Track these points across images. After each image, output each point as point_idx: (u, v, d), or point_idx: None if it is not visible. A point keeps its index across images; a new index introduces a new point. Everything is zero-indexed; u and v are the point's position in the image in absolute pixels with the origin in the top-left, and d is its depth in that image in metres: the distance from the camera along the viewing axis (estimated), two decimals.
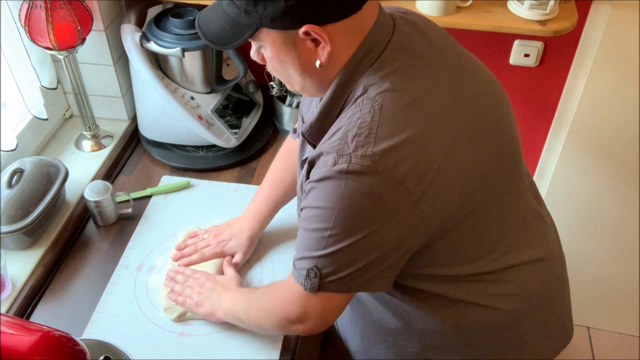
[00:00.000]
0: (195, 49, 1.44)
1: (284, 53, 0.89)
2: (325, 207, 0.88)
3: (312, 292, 0.94)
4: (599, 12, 1.48)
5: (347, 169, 0.85)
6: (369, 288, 0.95)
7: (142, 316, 1.19)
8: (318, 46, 0.87)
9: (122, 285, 1.25)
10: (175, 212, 1.41)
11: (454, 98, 0.92)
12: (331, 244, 0.89)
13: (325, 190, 0.88)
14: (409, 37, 0.93)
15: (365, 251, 0.89)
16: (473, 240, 0.98)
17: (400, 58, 0.90)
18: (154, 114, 1.53)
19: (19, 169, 1.29)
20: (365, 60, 0.90)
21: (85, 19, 1.35)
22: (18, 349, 0.72)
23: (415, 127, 0.86)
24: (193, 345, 1.15)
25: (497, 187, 0.97)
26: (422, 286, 1.02)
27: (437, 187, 0.87)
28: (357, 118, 0.87)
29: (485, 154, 0.93)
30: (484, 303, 1.03)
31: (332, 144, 0.88)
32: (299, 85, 0.96)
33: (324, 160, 0.88)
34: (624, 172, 1.77)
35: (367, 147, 0.85)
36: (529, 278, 1.06)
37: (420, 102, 0.88)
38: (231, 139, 1.55)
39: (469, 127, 0.91)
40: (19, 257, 1.28)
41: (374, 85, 0.89)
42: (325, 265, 0.91)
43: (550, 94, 1.68)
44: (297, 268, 0.96)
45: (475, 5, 1.41)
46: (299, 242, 0.96)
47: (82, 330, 1.17)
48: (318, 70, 0.91)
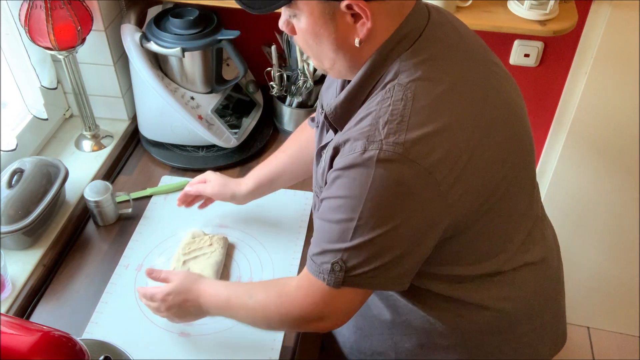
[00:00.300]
0: (195, 49, 1.44)
1: (320, 25, 0.86)
2: (352, 197, 0.85)
3: (335, 287, 0.90)
4: (599, 12, 1.48)
5: (378, 156, 0.82)
6: (391, 286, 0.92)
7: (142, 316, 1.19)
8: (357, 22, 0.85)
9: (122, 285, 1.25)
10: (175, 212, 1.41)
11: (484, 92, 0.91)
12: (358, 235, 0.86)
13: (352, 179, 0.85)
14: (442, 28, 0.92)
15: (393, 243, 0.87)
16: (486, 240, 0.97)
17: (433, 47, 0.89)
18: (154, 114, 1.53)
19: (19, 169, 1.29)
20: (400, 45, 0.87)
21: (85, 19, 1.35)
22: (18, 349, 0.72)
23: (447, 118, 0.84)
24: (193, 345, 1.15)
25: (514, 186, 0.96)
26: (426, 285, 1.01)
27: (464, 179, 0.85)
28: (389, 104, 0.85)
29: (509, 152, 0.93)
30: (484, 304, 1.03)
31: (361, 130, 0.85)
32: (329, 62, 0.92)
33: (352, 147, 0.85)
34: (624, 172, 1.76)
35: (399, 135, 0.82)
36: (529, 280, 1.06)
37: (451, 93, 0.87)
38: (231, 139, 1.54)
39: (497, 123, 0.90)
40: (19, 257, 1.28)
41: (406, 72, 0.86)
42: (352, 258, 0.88)
43: (550, 94, 1.68)
44: (317, 263, 0.91)
45: (475, 5, 1.41)
46: (319, 235, 0.92)
47: (82, 330, 1.17)
48: (353, 48, 0.88)
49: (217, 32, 1.45)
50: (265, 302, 1.00)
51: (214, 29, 1.45)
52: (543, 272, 1.09)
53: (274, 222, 1.38)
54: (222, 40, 1.45)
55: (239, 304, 1.03)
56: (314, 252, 0.93)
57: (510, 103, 0.96)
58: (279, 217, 1.38)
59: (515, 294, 1.05)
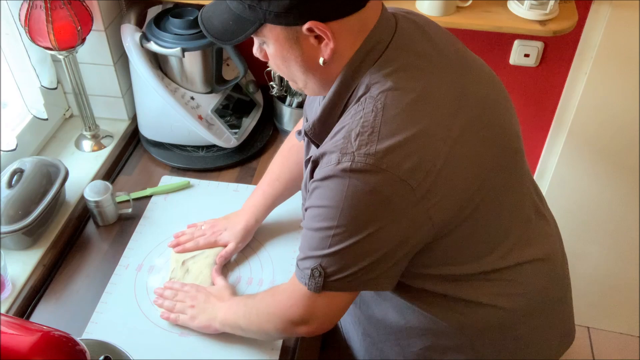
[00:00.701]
0: (195, 49, 1.44)
1: (286, 49, 0.90)
2: (330, 206, 0.88)
3: (316, 291, 0.94)
4: (599, 12, 1.48)
5: (351, 167, 0.85)
6: (373, 287, 0.95)
7: (142, 316, 1.19)
8: (321, 43, 0.88)
9: (122, 285, 1.25)
10: (175, 212, 1.41)
11: (457, 97, 0.92)
12: (335, 242, 0.89)
13: (329, 189, 0.88)
14: (411, 36, 0.94)
15: (369, 249, 0.89)
16: (476, 238, 0.98)
17: (402, 56, 0.91)
18: (154, 114, 1.53)
19: (19, 169, 1.29)
20: (368, 59, 0.90)
21: (85, 19, 1.35)
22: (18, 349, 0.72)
23: (418, 125, 0.86)
24: (193, 345, 1.15)
25: (499, 185, 0.97)
26: (426, 286, 1.02)
27: (440, 185, 0.87)
28: (360, 117, 0.87)
29: (488, 153, 0.94)
30: (487, 302, 1.03)
31: (336, 143, 0.88)
32: (302, 83, 0.96)
33: (328, 160, 0.89)
34: (624, 172, 1.76)
35: (370, 146, 0.85)
36: (532, 277, 1.06)
37: (423, 100, 0.88)
38: (231, 139, 1.55)
39: (472, 126, 0.91)
40: (19, 257, 1.28)
41: (377, 84, 0.89)
42: (330, 264, 0.91)
43: (550, 94, 1.68)
44: (300, 268, 0.95)
45: (475, 5, 1.41)
46: (302, 242, 0.96)
47: (82, 330, 1.17)
48: (321, 68, 0.91)
49: None
50: (260, 302, 1.07)
51: None
52: (547, 270, 1.09)
53: (274, 221, 1.38)
54: None
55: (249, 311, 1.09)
56: (299, 258, 0.97)
57: (487, 102, 0.97)
58: (279, 216, 1.38)
59: (519, 292, 1.05)
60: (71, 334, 0.80)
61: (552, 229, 1.14)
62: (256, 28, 0.88)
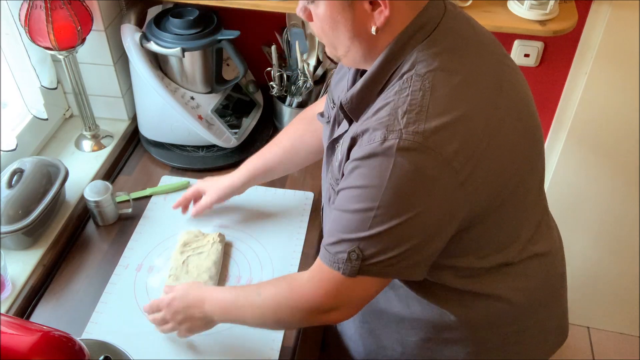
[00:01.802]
0: (195, 49, 1.44)
1: (338, 12, 0.87)
2: (372, 186, 0.85)
3: (351, 276, 0.90)
4: (599, 12, 1.48)
5: (398, 145, 0.83)
6: (408, 274, 0.92)
7: (142, 316, 1.19)
8: (375, 10, 0.85)
9: (122, 285, 1.25)
10: (175, 212, 1.41)
11: (498, 84, 0.92)
12: (377, 224, 0.86)
13: (371, 168, 0.85)
14: (457, 20, 0.93)
15: (410, 233, 0.87)
16: (500, 230, 0.97)
17: (450, 38, 0.89)
18: (154, 114, 1.53)
19: (19, 169, 1.29)
20: (418, 35, 0.88)
21: (85, 19, 1.35)
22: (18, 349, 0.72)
23: (465, 108, 0.85)
24: (193, 345, 1.15)
25: (527, 176, 0.97)
26: (438, 277, 1.01)
27: (481, 169, 0.86)
28: (407, 94, 0.85)
29: (523, 142, 0.94)
30: (499, 295, 1.03)
31: (380, 120, 0.86)
32: (344, 50, 0.93)
33: (371, 137, 0.86)
34: (624, 172, 1.77)
35: (418, 124, 0.83)
36: (537, 271, 1.06)
37: (468, 83, 0.87)
38: (231, 139, 1.55)
39: (511, 114, 0.91)
40: (19, 257, 1.28)
41: (423, 62, 0.87)
42: (369, 247, 0.88)
43: (550, 94, 1.68)
44: (332, 252, 0.91)
45: (475, 5, 1.41)
46: (335, 225, 0.92)
47: (82, 330, 1.17)
48: (369, 36, 0.88)
49: (217, 32, 1.45)
50: (275, 296, 1.00)
51: (214, 29, 1.45)
52: (550, 264, 1.10)
53: (273, 221, 1.38)
54: (222, 40, 1.45)
55: (247, 303, 1.03)
56: (328, 242, 0.92)
57: (523, 95, 0.97)
58: (278, 216, 1.38)
59: (524, 285, 1.05)
60: (71, 334, 0.80)
61: (553, 224, 1.15)
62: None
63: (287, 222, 1.38)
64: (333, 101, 1.10)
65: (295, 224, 1.38)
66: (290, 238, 1.35)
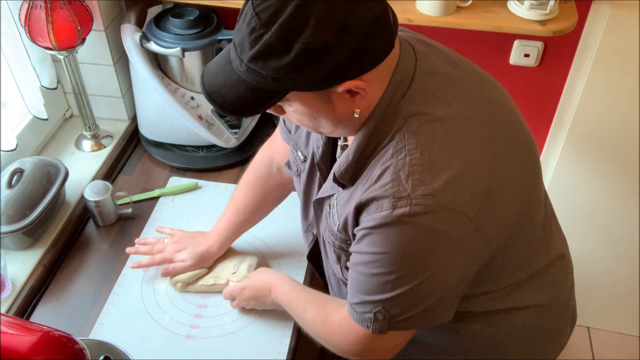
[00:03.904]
0: (195, 49, 1.44)
1: (316, 110, 0.84)
2: (388, 252, 0.84)
3: (380, 333, 0.90)
4: (599, 12, 1.48)
5: (410, 211, 0.81)
6: (436, 322, 0.91)
7: (149, 318, 1.19)
8: (355, 96, 0.82)
9: (129, 286, 1.25)
10: (182, 213, 1.41)
11: (490, 116, 0.90)
12: (398, 286, 0.85)
13: (384, 236, 0.84)
14: (430, 59, 0.90)
15: (434, 288, 0.86)
16: (519, 252, 0.96)
17: (430, 84, 0.87)
18: (154, 114, 1.53)
19: (19, 169, 1.29)
20: (397, 94, 0.85)
21: (85, 19, 1.35)
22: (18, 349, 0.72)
23: (465, 153, 0.84)
24: (199, 347, 1.15)
25: (533, 194, 0.96)
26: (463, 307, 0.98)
27: (493, 207, 0.85)
28: (404, 155, 0.83)
29: (525, 163, 0.93)
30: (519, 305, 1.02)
31: (384, 187, 0.83)
32: (328, 132, 0.91)
33: (378, 205, 0.84)
34: (624, 172, 1.76)
35: (425, 185, 0.81)
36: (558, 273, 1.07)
37: (461, 126, 0.86)
38: (231, 139, 1.55)
39: (508, 141, 0.90)
40: (19, 257, 1.28)
41: (413, 118, 0.85)
42: (394, 307, 0.87)
43: (550, 94, 1.68)
44: (358, 312, 0.91)
45: (475, 5, 1.41)
46: (355, 286, 0.91)
47: (81, 330, 1.17)
48: (353, 118, 0.86)
49: (217, 32, 1.45)
50: (313, 322, 1.03)
51: (214, 29, 1.45)
52: (567, 263, 1.10)
53: (281, 224, 1.37)
54: (222, 40, 1.45)
55: (296, 313, 1.07)
56: (353, 302, 0.92)
57: (511, 113, 0.95)
58: (286, 219, 1.37)
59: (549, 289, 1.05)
60: (71, 334, 0.80)
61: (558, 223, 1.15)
62: (281, 97, 0.80)
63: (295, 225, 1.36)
64: (302, 154, 1.08)
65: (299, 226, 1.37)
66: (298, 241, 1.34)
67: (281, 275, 1.13)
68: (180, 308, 1.21)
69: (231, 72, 0.81)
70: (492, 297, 0.99)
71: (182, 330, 1.17)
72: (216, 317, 1.20)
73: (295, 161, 1.11)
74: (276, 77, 0.77)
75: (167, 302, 1.22)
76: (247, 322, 1.19)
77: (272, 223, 1.37)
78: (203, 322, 1.19)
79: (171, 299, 1.23)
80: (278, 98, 0.80)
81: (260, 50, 0.75)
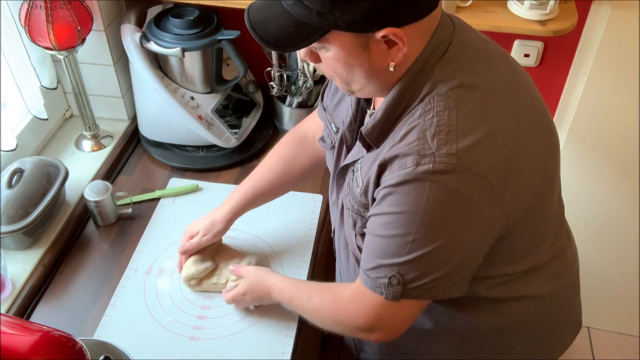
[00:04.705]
0: (195, 49, 1.44)
1: (353, 56, 0.84)
2: (408, 212, 0.84)
3: (394, 300, 0.89)
4: (599, 12, 1.48)
5: (433, 169, 0.81)
6: (449, 294, 0.91)
7: (152, 319, 1.19)
8: (392, 48, 0.83)
9: (132, 288, 1.25)
10: (183, 214, 1.41)
11: (516, 91, 0.91)
12: (415, 248, 0.85)
13: (406, 194, 0.84)
14: (467, 32, 0.92)
15: (451, 254, 0.86)
16: (530, 235, 0.97)
17: (464, 53, 0.88)
18: (154, 114, 1.53)
19: (19, 169, 1.29)
20: (432, 58, 0.87)
21: (85, 19, 1.35)
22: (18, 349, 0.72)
23: (492, 121, 0.85)
24: (202, 349, 1.14)
25: (552, 176, 0.97)
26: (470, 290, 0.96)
27: (514, 179, 0.86)
28: (432, 116, 0.84)
29: (546, 144, 0.94)
30: (524, 295, 1.02)
31: (409, 145, 0.84)
32: (359, 86, 0.91)
33: (402, 163, 0.84)
34: (624, 172, 1.76)
35: (450, 145, 0.82)
36: (563, 266, 1.07)
37: (490, 95, 0.87)
38: (231, 139, 1.55)
39: (534, 120, 0.91)
40: (19, 257, 1.28)
41: (443, 82, 0.86)
42: (409, 271, 0.87)
43: (550, 94, 1.68)
44: (372, 277, 0.91)
45: (475, 5, 1.41)
46: (371, 250, 0.91)
47: (82, 330, 1.17)
48: (387, 72, 0.86)
49: (217, 32, 1.45)
50: (320, 306, 1.02)
51: (214, 29, 1.45)
52: (573, 257, 1.11)
53: (283, 224, 1.37)
54: (222, 40, 1.45)
55: (300, 305, 1.06)
56: (367, 267, 0.92)
57: (537, 97, 0.97)
58: (287, 219, 1.37)
59: (554, 281, 1.05)
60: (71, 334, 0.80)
61: None
62: (322, 35, 0.81)
63: (296, 225, 1.37)
64: (333, 125, 1.09)
65: (305, 226, 1.38)
66: (300, 241, 1.35)
67: (278, 277, 1.12)
68: (183, 309, 1.21)
69: (277, 4, 0.82)
70: (502, 281, 0.99)
71: (186, 331, 1.17)
72: (219, 318, 1.20)
73: (330, 134, 1.11)
74: (320, 11, 0.78)
75: (169, 304, 1.22)
76: (251, 323, 1.19)
77: (273, 223, 1.38)
78: (206, 323, 1.19)
79: (174, 300, 1.23)
80: (319, 35, 0.81)
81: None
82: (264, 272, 1.15)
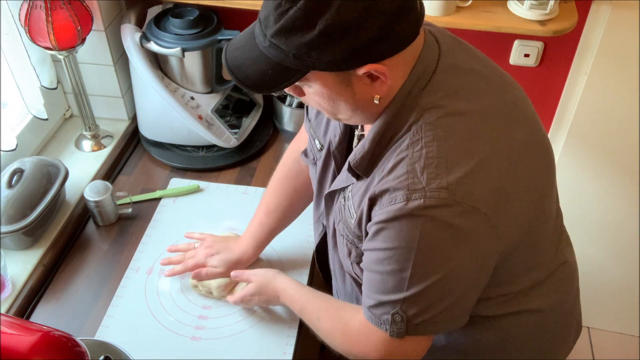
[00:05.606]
0: (195, 49, 1.44)
1: (335, 92, 0.83)
2: (402, 247, 0.83)
3: (399, 337, 0.88)
4: (599, 12, 1.48)
5: (424, 204, 0.80)
6: (454, 326, 0.91)
7: (154, 320, 1.19)
8: (375, 81, 0.82)
9: (133, 289, 1.25)
10: (184, 215, 1.41)
11: (508, 113, 0.89)
12: (414, 284, 0.84)
13: (398, 230, 0.83)
14: (454, 53, 0.89)
15: (450, 286, 0.85)
16: (529, 254, 0.96)
17: (451, 78, 0.86)
18: (154, 114, 1.53)
19: (19, 169, 1.29)
20: (418, 85, 0.85)
21: (85, 19, 1.35)
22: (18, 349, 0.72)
23: (483, 149, 0.83)
24: (204, 349, 1.14)
25: (549, 193, 0.96)
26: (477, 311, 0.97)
27: (510, 207, 0.85)
28: (421, 147, 0.82)
29: (543, 165, 0.93)
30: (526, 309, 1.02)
31: (398, 179, 0.82)
32: (345, 118, 0.90)
33: (392, 198, 0.83)
34: (624, 172, 1.76)
35: (440, 179, 0.80)
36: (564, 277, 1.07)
37: (480, 122, 0.85)
38: (231, 139, 1.55)
39: (528, 140, 0.89)
40: (19, 257, 1.28)
41: (431, 110, 0.84)
42: (411, 307, 0.86)
43: (550, 94, 1.68)
44: (376, 314, 0.90)
45: (475, 5, 1.41)
46: (371, 286, 0.90)
47: (82, 330, 1.17)
48: (372, 104, 0.85)
49: (217, 32, 1.45)
50: (330, 332, 1.01)
51: (214, 29, 1.45)
52: (573, 267, 1.10)
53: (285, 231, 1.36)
54: (222, 40, 1.45)
55: (308, 320, 1.06)
56: (369, 304, 0.91)
57: (529, 112, 0.95)
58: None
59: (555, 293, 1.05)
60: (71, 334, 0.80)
61: None
62: (301, 76, 0.80)
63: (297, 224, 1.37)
64: (319, 142, 1.07)
65: (305, 225, 1.37)
66: (301, 240, 1.35)
67: (288, 282, 1.11)
68: (185, 310, 1.21)
69: (254, 47, 0.81)
70: (502, 300, 0.99)
71: (187, 331, 1.17)
72: (221, 318, 1.20)
73: (312, 149, 1.11)
74: (298, 54, 0.77)
75: (171, 304, 1.22)
76: (252, 323, 1.19)
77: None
78: (208, 324, 1.19)
79: (175, 300, 1.23)
80: (298, 76, 0.80)
81: (284, 25, 0.76)
82: (272, 274, 1.13)
